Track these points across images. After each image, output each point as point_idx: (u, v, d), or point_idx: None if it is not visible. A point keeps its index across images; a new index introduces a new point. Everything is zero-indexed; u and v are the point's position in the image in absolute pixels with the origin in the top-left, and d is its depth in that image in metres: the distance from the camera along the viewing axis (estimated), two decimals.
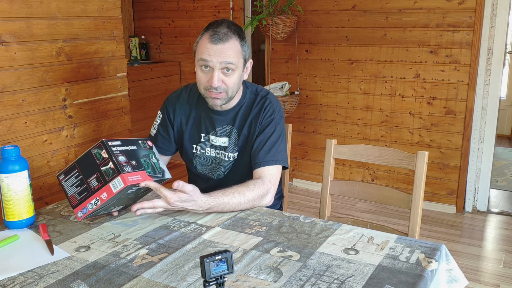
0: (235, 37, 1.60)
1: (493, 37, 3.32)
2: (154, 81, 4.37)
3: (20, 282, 1.16)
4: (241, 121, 1.73)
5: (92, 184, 1.40)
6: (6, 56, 1.95)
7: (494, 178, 4.18)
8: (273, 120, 1.71)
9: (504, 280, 2.65)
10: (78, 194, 1.42)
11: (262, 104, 1.72)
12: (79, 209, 1.42)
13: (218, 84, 1.59)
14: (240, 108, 1.74)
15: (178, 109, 1.80)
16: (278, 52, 4.05)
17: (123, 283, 1.14)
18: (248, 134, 1.72)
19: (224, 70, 1.59)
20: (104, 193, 1.38)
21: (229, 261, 0.98)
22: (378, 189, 1.80)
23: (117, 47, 2.45)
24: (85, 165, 1.40)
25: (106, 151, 1.39)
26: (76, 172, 1.41)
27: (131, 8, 4.82)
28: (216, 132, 1.75)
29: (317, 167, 4.08)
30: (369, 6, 3.60)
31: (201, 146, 1.78)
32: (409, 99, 3.60)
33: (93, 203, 1.40)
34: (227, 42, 1.57)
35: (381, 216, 3.50)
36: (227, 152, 1.74)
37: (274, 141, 1.69)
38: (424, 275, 1.16)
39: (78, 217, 1.43)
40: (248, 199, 1.55)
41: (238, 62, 1.61)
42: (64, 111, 2.21)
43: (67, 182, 1.43)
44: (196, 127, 1.78)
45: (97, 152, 1.40)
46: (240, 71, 1.64)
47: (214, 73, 1.58)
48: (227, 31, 1.59)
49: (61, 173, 1.44)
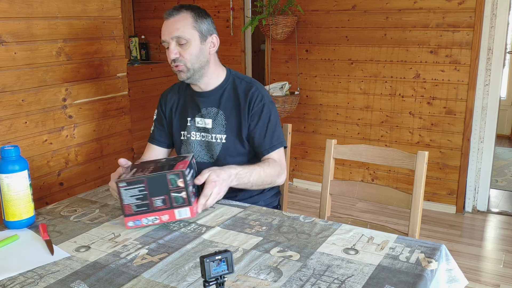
0: (187, 12, 1.68)
1: (493, 37, 3.32)
2: (154, 81, 4.37)
3: (20, 282, 1.16)
4: (227, 103, 1.78)
5: (156, 203, 1.42)
6: (6, 56, 1.95)
7: (494, 178, 4.18)
8: (265, 105, 1.76)
9: (504, 280, 2.65)
10: (136, 206, 1.41)
11: (249, 89, 1.77)
12: (132, 219, 1.42)
13: (174, 56, 1.67)
14: (224, 90, 1.79)
15: (168, 100, 1.90)
16: (278, 52, 4.05)
17: (123, 283, 1.14)
18: (238, 118, 1.76)
19: (179, 43, 1.67)
20: (166, 216, 1.43)
21: (229, 261, 0.98)
22: (378, 189, 1.80)
23: (117, 47, 2.45)
24: (155, 185, 1.40)
25: (183, 181, 1.40)
26: (143, 186, 1.40)
27: (131, 8, 4.82)
28: (202, 113, 1.80)
29: (317, 167, 4.08)
30: (369, 6, 3.60)
31: (187, 130, 1.83)
32: (409, 99, 3.60)
33: (151, 220, 1.43)
34: (177, 15, 1.67)
35: (381, 216, 3.50)
36: (212, 134, 1.77)
37: (273, 125, 1.76)
38: (424, 275, 1.16)
39: (128, 226, 1.43)
40: (267, 173, 1.67)
41: (190, 34, 1.66)
42: (64, 111, 2.21)
43: (127, 191, 1.40)
44: (184, 113, 1.85)
45: (172, 178, 1.40)
46: (197, 43, 1.69)
47: (170, 46, 1.68)
48: (179, 8, 1.69)
49: (122, 181, 1.40)
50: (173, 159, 1.57)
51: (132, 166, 1.54)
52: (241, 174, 1.60)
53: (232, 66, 4.36)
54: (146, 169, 1.46)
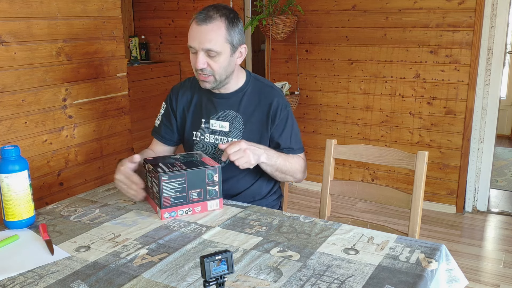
0: (221, 20, 1.60)
1: (493, 37, 3.32)
2: (154, 81, 4.37)
3: (20, 282, 1.16)
4: (247, 107, 1.75)
5: (192, 196, 1.52)
6: (6, 56, 1.95)
7: (494, 178, 4.18)
8: (289, 113, 1.77)
9: (504, 280, 2.65)
10: (174, 199, 1.50)
11: (272, 96, 1.75)
12: (168, 210, 1.50)
13: (202, 66, 1.62)
14: (244, 93, 1.76)
15: (180, 97, 1.84)
16: (278, 52, 4.05)
17: (123, 283, 1.14)
18: (257, 123, 1.74)
19: (208, 54, 1.61)
20: (199, 207, 1.54)
21: (229, 261, 0.98)
22: (378, 189, 1.80)
23: (117, 47, 2.45)
24: (194, 178, 1.51)
25: (218, 175, 1.54)
26: (183, 180, 1.49)
27: (131, 8, 4.82)
28: (218, 115, 1.76)
29: (317, 167, 4.08)
30: (369, 6, 3.60)
31: (201, 132, 1.80)
32: (409, 99, 3.60)
33: (185, 211, 1.52)
34: (210, 23, 1.58)
35: (381, 216, 3.50)
36: (229, 138, 1.75)
37: (296, 131, 1.80)
38: (424, 275, 1.16)
39: (163, 217, 1.50)
40: (292, 163, 1.72)
41: (222, 47, 1.61)
42: (64, 111, 2.21)
43: (168, 184, 1.48)
44: (198, 113, 1.81)
45: (210, 173, 1.53)
46: (227, 55, 1.64)
47: (198, 56, 1.61)
48: (212, 13, 1.60)
49: (165, 174, 1.47)
50: (186, 155, 1.67)
51: (146, 160, 1.61)
52: (269, 152, 1.64)
53: None
54: (174, 164, 1.54)
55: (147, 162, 1.59)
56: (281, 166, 1.69)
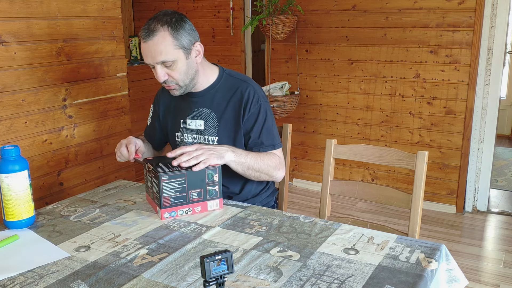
0: (163, 29, 1.58)
1: (493, 37, 3.32)
2: (154, 81, 4.35)
3: (20, 282, 1.16)
4: (220, 104, 1.74)
5: (192, 196, 1.53)
6: (6, 56, 1.95)
7: (494, 178, 4.18)
8: (261, 106, 1.73)
9: (504, 280, 2.65)
10: (174, 198, 1.51)
11: (244, 89, 1.73)
12: (168, 210, 1.51)
13: (164, 78, 1.63)
14: (217, 90, 1.75)
15: (162, 100, 1.90)
16: (278, 52, 4.05)
17: (123, 283, 1.14)
18: (231, 119, 1.73)
19: (165, 65, 1.61)
20: (199, 207, 1.55)
21: (229, 261, 0.98)
22: (378, 189, 1.80)
23: (117, 47, 2.45)
24: (194, 178, 1.51)
25: (218, 175, 1.55)
26: (183, 180, 1.50)
27: (131, 8, 4.82)
28: (193, 114, 1.78)
29: (317, 167, 4.08)
30: (369, 6, 3.60)
31: (181, 132, 1.82)
32: (409, 99, 3.60)
33: (185, 211, 1.53)
34: (154, 37, 1.57)
35: (381, 216, 3.50)
36: (205, 136, 1.76)
37: (269, 126, 1.74)
38: (424, 275, 1.16)
39: (163, 217, 1.50)
40: (264, 161, 1.68)
41: (174, 55, 1.60)
42: (64, 111, 2.21)
43: (168, 184, 1.48)
44: (177, 114, 1.84)
45: (210, 173, 1.53)
46: (183, 60, 1.63)
47: (157, 70, 1.62)
48: (154, 26, 1.59)
49: (165, 174, 1.47)
50: None
51: (146, 160, 1.63)
52: (237, 151, 1.62)
53: (232, 66, 4.36)
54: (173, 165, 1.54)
55: (147, 162, 1.60)
56: (252, 164, 1.65)
